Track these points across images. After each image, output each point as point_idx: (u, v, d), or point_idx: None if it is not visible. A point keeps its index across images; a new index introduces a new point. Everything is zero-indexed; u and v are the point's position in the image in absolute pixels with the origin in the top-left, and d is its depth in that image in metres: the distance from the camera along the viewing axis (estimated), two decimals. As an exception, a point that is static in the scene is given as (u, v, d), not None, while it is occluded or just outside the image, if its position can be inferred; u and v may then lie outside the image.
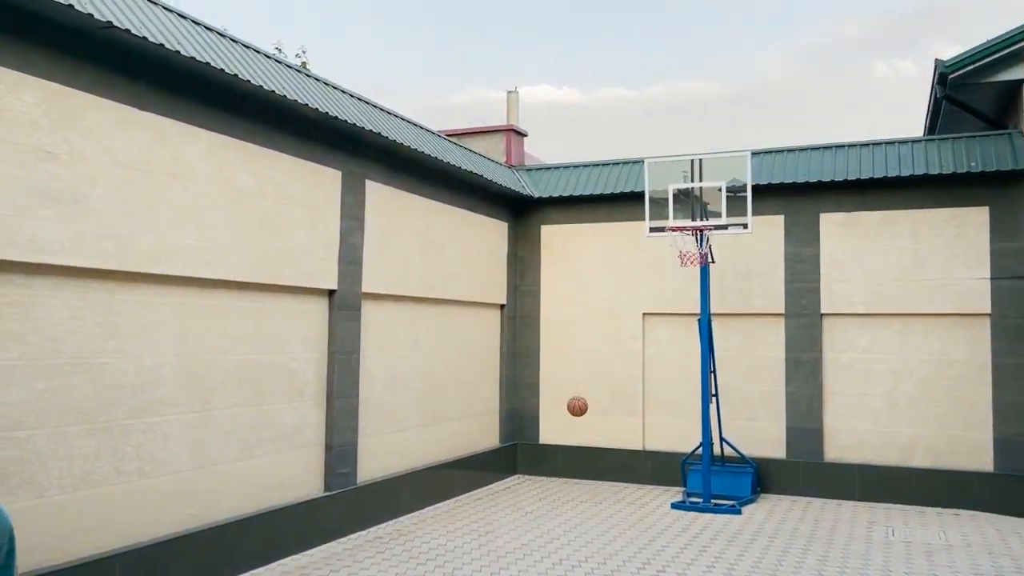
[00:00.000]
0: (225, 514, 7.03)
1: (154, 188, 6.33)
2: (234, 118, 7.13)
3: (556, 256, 12.47)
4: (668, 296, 11.62)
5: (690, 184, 10.15)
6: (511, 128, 13.29)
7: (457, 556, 7.70)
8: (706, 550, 8.01)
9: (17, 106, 5.32)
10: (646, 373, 11.80)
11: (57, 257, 5.56)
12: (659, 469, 11.47)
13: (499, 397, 12.21)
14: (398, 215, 9.61)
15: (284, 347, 7.82)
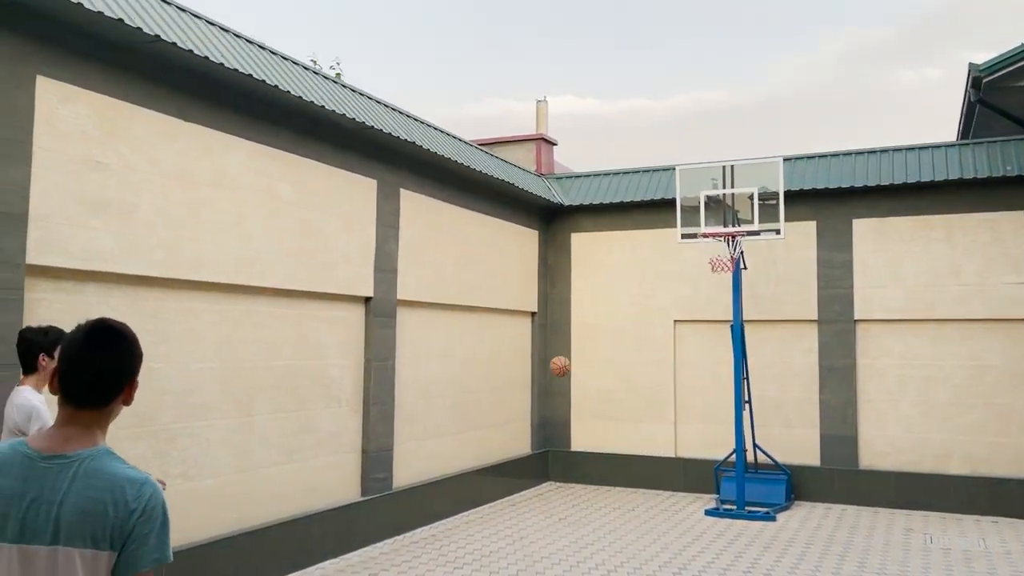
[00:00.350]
0: (265, 518, 7.15)
1: (198, 198, 6.49)
2: (274, 128, 7.29)
3: (586, 264, 12.51)
4: (699, 303, 11.62)
5: (721, 191, 10.17)
6: (541, 137, 13.38)
7: (493, 560, 7.76)
8: (741, 556, 7.99)
9: (69, 118, 5.49)
10: (677, 380, 11.80)
11: (107, 265, 5.72)
12: (691, 476, 11.45)
13: (531, 404, 12.26)
14: (431, 223, 9.73)
15: (323, 353, 7.95)
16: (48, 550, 1.91)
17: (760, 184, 10.05)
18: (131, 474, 2.01)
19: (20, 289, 5.10)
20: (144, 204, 6.02)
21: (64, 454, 1.99)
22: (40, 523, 1.92)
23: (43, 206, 5.28)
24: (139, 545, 1.95)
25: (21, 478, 1.95)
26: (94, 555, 1.91)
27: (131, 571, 1.94)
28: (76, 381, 2.06)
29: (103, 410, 2.09)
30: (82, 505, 1.93)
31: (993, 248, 10.17)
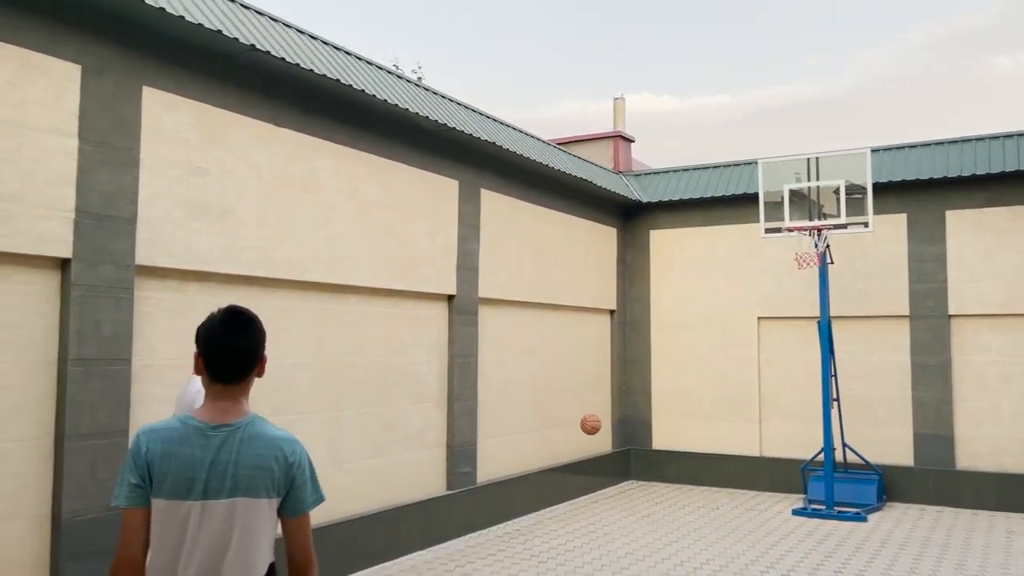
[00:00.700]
0: (356, 510, 7.37)
1: (290, 200, 6.74)
2: (361, 132, 7.51)
3: (666, 261, 12.42)
4: (784, 299, 11.40)
5: (806, 184, 9.97)
6: (618, 134, 13.35)
7: (577, 556, 7.80)
8: (831, 556, 7.82)
9: (172, 125, 5.79)
10: (762, 378, 11.60)
11: (208, 265, 6.00)
12: (777, 476, 11.24)
13: (611, 403, 12.25)
14: (511, 222, 9.83)
15: (409, 351, 8.14)
16: (227, 502, 2.35)
17: (846, 177, 9.81)
18: (283, 435, 2.49)
19: (130, 288, 5.41)
20: (241, 207, 6.30)
21: (227, 423, 2.42)
22: (220, 481, 2.35)
23: (150, 210, 5.59)
24: (301, 490, 2.45)
25: (200, 446, 2.37)
26: (264, 503, 2.39)
27: (300, 512, 2.45)
28: (220, 361, 2.46)
29: (244, 383, 2.51)
30: (252, 463, 2.38)
31: (1100, 238, 9.66)
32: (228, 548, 2.33)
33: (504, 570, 7.27)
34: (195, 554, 2.31)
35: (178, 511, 2.32)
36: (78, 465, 5.04)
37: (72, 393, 5.02)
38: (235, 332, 2.49)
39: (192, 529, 2.32)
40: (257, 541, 2.38)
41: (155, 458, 2.35)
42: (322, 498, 2.53)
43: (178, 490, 2.33)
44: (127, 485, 2.36)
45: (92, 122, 5.24)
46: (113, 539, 5.01)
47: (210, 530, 2.32)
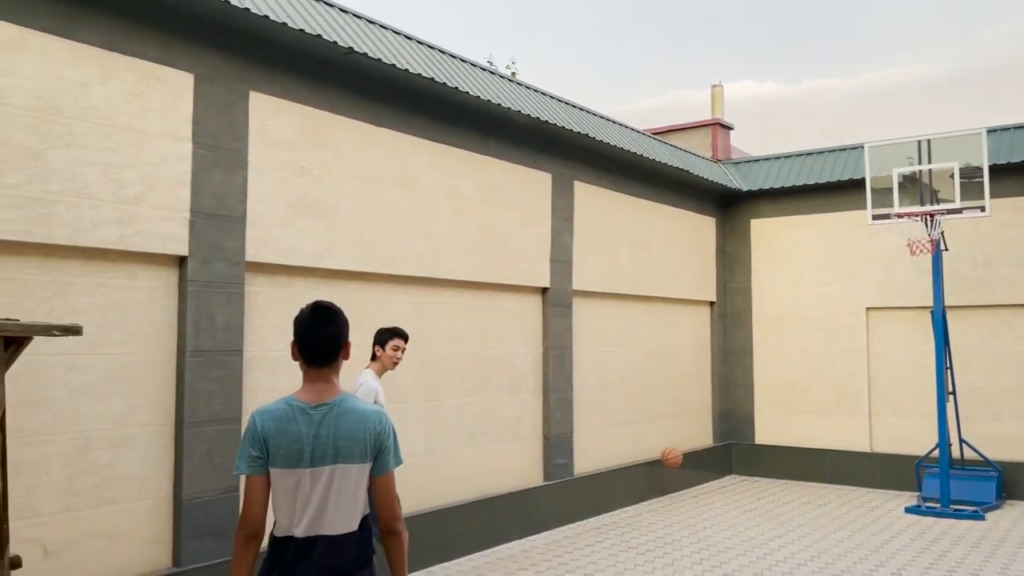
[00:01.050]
0: (454, 497, 7.54)
1: (388, 198, 6.95)
2: (455, 128, 7.66)
3: (767, 251, 12.12)
4: (895, 289, 10.94)
5: (917, 167, 9.53)
6: (716, 122, 13.10)
7: (676, 548, 7.74)
8: (946, 555, 7.48)
9: (277, 128, 6.08)
10: (872, 371, 11.17)
11: (312, 261, 6.27)
12: (888, 472, 10.80)
13: (711, 396, 12.06)
14: (605, 214, 9.82)
15: (504, 342, 8.26)
16: (329, 468, 2.79)
17: (961, 159, 9.32)
18: (370, 408, 2.93)
19: (241, 284, 5.72)
20: (342, 205, 6.54)
21: (325, 402, 2.85)
22: (323, 450, 2.79)
23: (258, 209, 5.88)
24: (386, 454, 2.89)
25: (304, 423, 2.80)
26: (357, 466, 2.83)
27: (384, 471, 2.88)
28: (311, 348, 2.88)
29: (333, 365, 2.91)
30: (347, 434, 2.81)
31: None
32: (330, 503, 2.79)
33: (601, 561, 7.30)
34: (307, 510, 2.77)
35: (291, 477, 2.78)
36: (196, 450, 5.38)
37: (190, 382, 5.36)
38: (322, 322, 2.89)
39: (303, 490, 2.78)
40: (353, 496, 2.83)
41: (269, 434, 2.79)
42: (401, 460, 2.95)
43: (290, 460, 2.78)
44: (247, 457, 2.81)
45: (204, 127, 5.57)
46: (228, 520, 5.31)
47: (316, 490, 2.78)
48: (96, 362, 4.98)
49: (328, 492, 2.78)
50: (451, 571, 6.98)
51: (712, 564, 7.20)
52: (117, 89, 5.10)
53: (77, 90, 4.91)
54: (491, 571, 6.96)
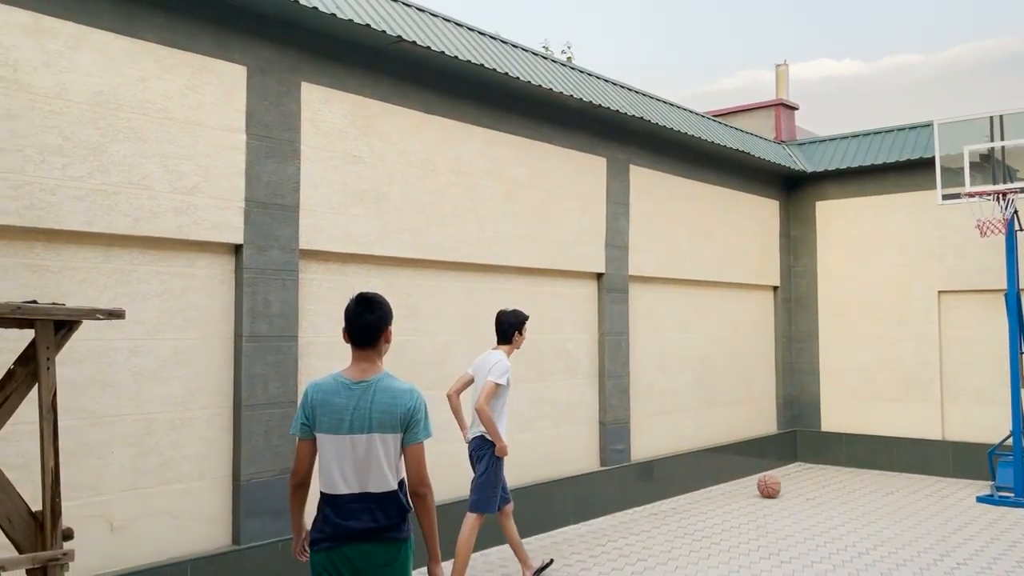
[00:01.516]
0: (512, 482, 7.58)
1: (440, 185, 7.02)
2: (506, 114, 7.67)
3: (833, 233, 11.79)
4: (968, 271, 10.52)
5: (989, 144, 9.12)
6: (780, 102, 12.77)
7: (734, 536, 7.65)
8: (1016, 546, 7.19)
9: (328, 118, 6.19)
10: (944, 356, 10.78)
11: (365, 248, 6.39)
12: (961, 461, 10.43)
13: (775, 382, 11.83)
14: (663, 198, 9.70)
15: (559, 328, 8.26)
16: (366, 436, 3.25)
17: (1039, 135, 8.88)
18: (406, 387, 3.36)
19: (295, 271, 5.86)
20: (394, 193, 6.63)
21: (365, 380, 3.32)
22: (361, 421, 3.25)
23: (311, 197, 6.02)
24: (415, 427, 3.29)
25: (346, 396, 3.28)
26: (391, 436, 3.27)
27: (413, 442, 3.28)
28: (355, 332, 3.36)
29: (376, 348, 3.39)
30: (382, 408, 3.26)
31: None
32: (370, 467, 3.25)
33: (657, 546, 7.27)
34: (353, 470, 3.26)
35: (334, 441, 3.26)
36: (254, 432, 5.55)
37: (247, 367, 5.53)
38: (364, 310, 3.37)
39: (346, 453, 3.25)
40: (388, 462, 3.28)
41: (317, 404, 3.30)
42: (430, 434, 3.34)
43: (332, 427, 3.26)
44: (299, 423, 3.34)
45: (258, 118, 5.71)
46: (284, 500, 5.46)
47: (356, 454, 3.25)
48: (157, 347, 5.18)
49: (369, 456, 3.25)
50: (506, 552, 7.04)
51: (769, 552, 7.09)
52: (174, 83, 5.28)
53: (136, 85, 5.10)
54: (545, 554, 6.99)
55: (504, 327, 6.00)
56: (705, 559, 6.87)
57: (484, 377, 5.80)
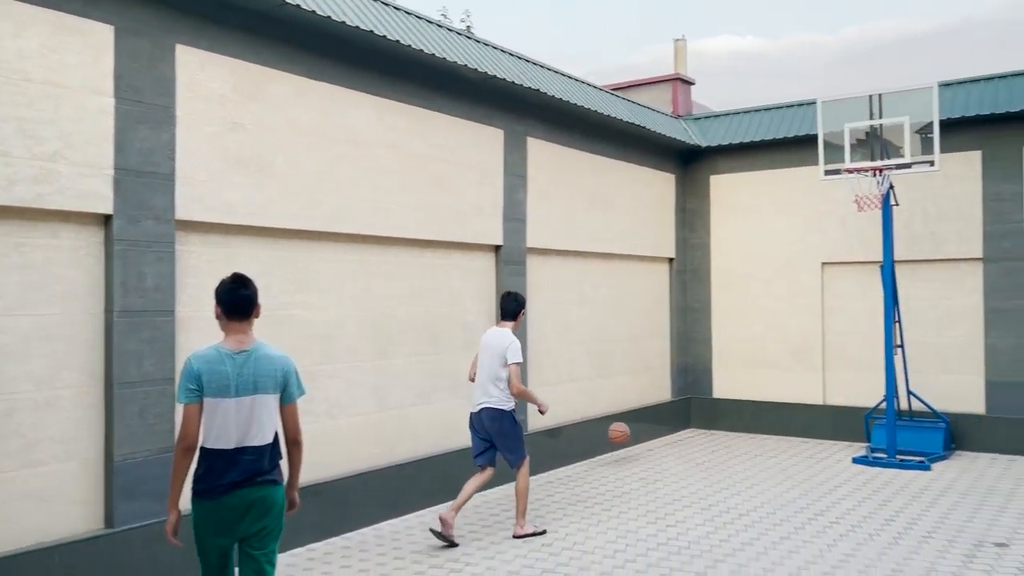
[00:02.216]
0: (406, 454, 7.57)
1: (330, 154, 6.84)
2: (401, 83, 7.52)
3: (726, 207, 12.12)
4: (849, 244, 11.00)
5: (868, 122, 9.51)
6: (677, 77, 12.98)
7: (624, 502, 7.84)
8: (887, 504, 7.64)
9: (207, 83, 5.93)
10: (826, 325, 11.28)
11: (249, 219, 6.17)
12: (841, 425, 10.98)
13: (670, 352, 12.14)
14: (561, 171, 9.74)
15: (457, 300, 8.23)
16: (250, 398, 3.79)
17: (914, 114, 9.30)
18: (280, 354, 3.94)
19: (171, 243, 5.62)
20: (280, 161, 6.42)
21: (245, 349, 3.84)
22: (245, 385, 3.78)
23: (188, 165, 5.76)
24: (291, 388, 3.93)
25: (230, 365, 3.78)
26: (271, 397, 3.85)
27: (290, 400, 3.93)
28: (235, 306, 3.86)
29: (250, 321, 3.90)
30: (264, 373, 3.83)
31: None
32: (251, 424, 3.79)
33: (549, 514, 7.38)
34: (236, 428, 3.76)
35: (221, 404, 3.74)
36: (127, 411, 5.33)
37: (118, 343, 5.29)
38: (240, 287, 3.89)
39: (231, 413, 3.74)
40: (268, 419, 3.85)
41: (203, 372, 3.73)
42: (304, 392, 4.01)
43: (220, 391, 3.74)
44: (186, 389, 3.73)
45: (128, 81, 5.41)
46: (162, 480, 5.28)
47: (240, 414, 3.76)
48: (17, 323, 4.89)
49: (251, 415, 3.78)
50: (398, 527, 7.03)
51: (657, 516, 7.30)
52: (31, 42, 4.93)
53: (-12, 43, 4.74)
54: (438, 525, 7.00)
55: (513, 306, 6.85)
56: (595, 525, 7.03)
57: (496, 353, 6.63)
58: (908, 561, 5.99)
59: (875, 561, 6.00)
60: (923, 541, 6.48)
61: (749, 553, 6.21)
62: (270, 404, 3.82)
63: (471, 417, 6.79)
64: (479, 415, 6.68)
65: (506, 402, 6.63)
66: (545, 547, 6.41)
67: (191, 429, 3.71)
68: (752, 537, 6.62)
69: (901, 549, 6.28)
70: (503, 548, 6.38)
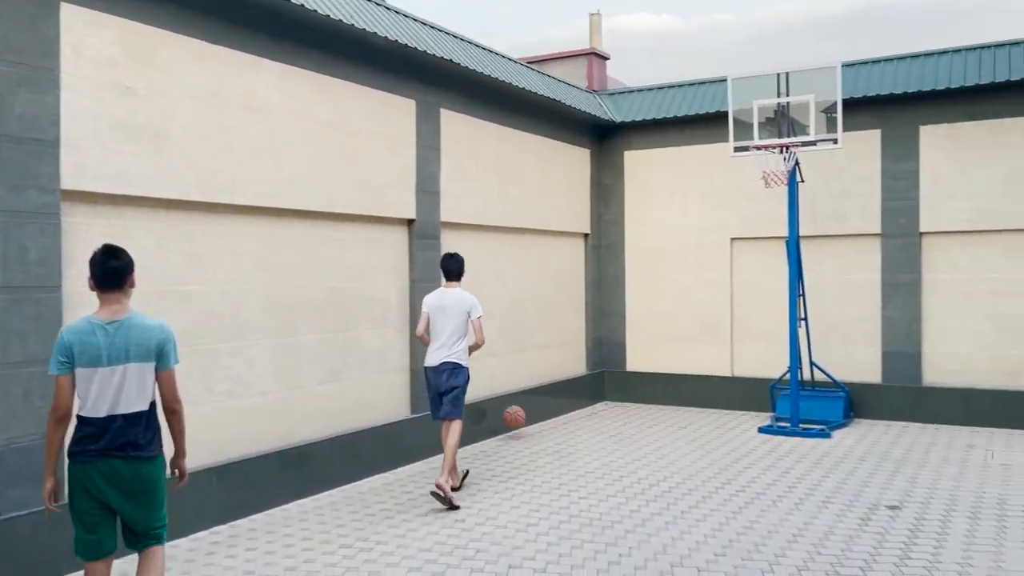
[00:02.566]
0: (315, 433, 7.40)
1: (230, 121, 6.55)
2: (306, 49, 7.25)
3: (640, 182, 12.24)
4: (758, 220, 11.27)
5: (776, 100, 9.71)
6: (592, 52, 12.98)
7: (537, 475, 7.88)
8: (789, 471, 7.90)
9: (96, 45, 5.56)
10: (735, 299, 11.56)
11: (141, 189, 5.85)
12: (748, 395, 11.31)
13: (585, 326, 12.24)
14: (475, 144, 9.62)
15: (367, 275, 8.05)
16: (123, 367, 3.88)
17: (819, 92, 9.54)
18: (155, 323, 4.01)
19: (56, 214, 5.28)
20: (175, 128, 6.11)
21: (118, 319, 3.91)
22: (117, 354, 3.86)
23: (75, 132, 5.41)
24: (166, 356, 3.99)
25: (102, 335, 3.85)
26: (146, 365, 3.93)
27: (165, 368, 4.00)
28: (106, 277, 3.92)
29: (123, 291, 3.97)
30: (136, 342, 3.90)
31: (1075, 151, 9.47)
32: (123, 392, 3.88)
33: (463, 490, 7.35)
34: (107, 397, 3.86)
35: (93, 373, 3.84)
36: (11, 393, 5.01)
37: (1, 321, 4.95)
38: (110, 258, 3.94)
39: (103, 382, 3.84)
40: (140, 387, 3.93)
41: (74, 344, 3.82)
42: (177, 360, 4.08)
43: (93, 361, 3.83)
44: (57, 361, 3.84)
45: (8, 42, 5.02)
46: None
47: (113, 382, 3.85)
48: None
49: (122, 384, 3.87)
50: (307, 507, 6.87)
51: (570, 489, 7.36)
52: None
53: None
54: (348, 505, 6.89)
55: (457, 266, 7.29)
56: (508, 499, 7.03)
57: (461, 311, 7.11)
58: (809, 526, 6.20)
59: (778, 527, 6.19)
60: (823, 506, 6.72)
61: (658, 523, 6.31)
62: (144, 372, 3.90)
63: (427, 372, 7.17)
64: (440, 370, 7.06)
65: (466, 359, 7.20)
66: (458, 523, 6.37)
67: (63, 400, 3.84)
68: (662, 507, 6.74)
69: (802, 514, 6.50)
70: (415, 526, 6.31)
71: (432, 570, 5.35)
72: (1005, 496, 6.95)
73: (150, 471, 3.93)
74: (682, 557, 5.55)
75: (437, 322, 7.12)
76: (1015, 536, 5.89)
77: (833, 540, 5.86)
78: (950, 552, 5.58)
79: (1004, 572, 5.19)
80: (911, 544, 5.76)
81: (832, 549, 5.67)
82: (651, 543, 5.85)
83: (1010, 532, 5.98)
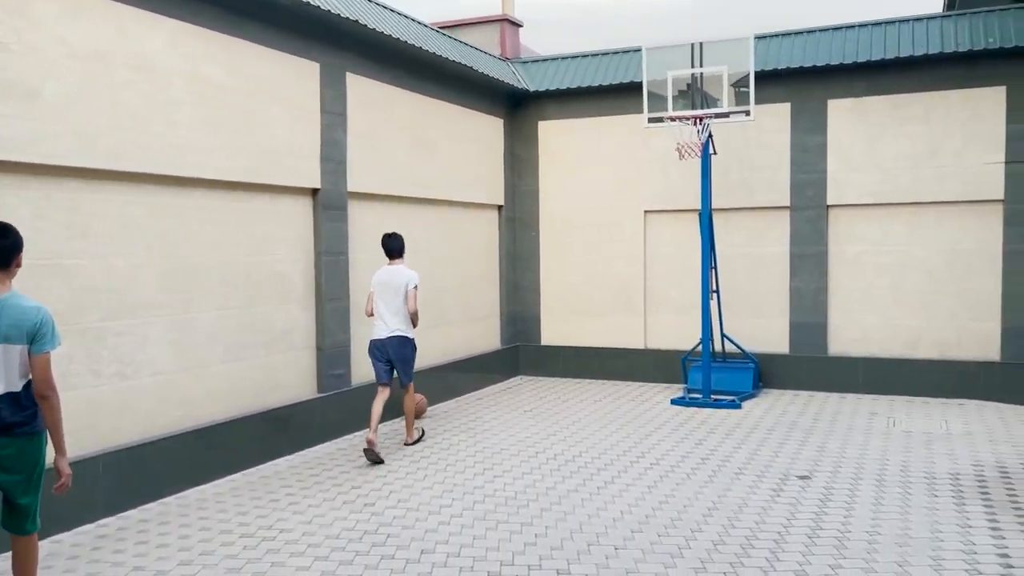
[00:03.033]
0: (215, 415, 6.99)
1: (115, 81, 6.01)
2: (201, 7, 6.73)
3: (555, 153, 12.07)
4: (671, 192, 11.27)
5: (690, 71, 9.66)
6: (505, 18, 12.68)
7: (452, 453, 7.68)
8: (702, 443, 7.94)
9: (-47, -10, 4.97)
10: (648, 272, 11.57)
11: (13, 153, 5.31)
12: (661, 367, 11.37)
13: (500, 300, 12.06)
14: (384, 111, 9.24)
15: (269, 248, 7.63)
16: None
17: (732, 64, 9.53)
18: (32, 304, 3.91)
19: (-91, 179, 4.71)
20: (51, 88, 5.56)
21: None
22: None
23: (-71, 88, 4.83)
24: (41, 340, 3.88)
25: None
26: (19, 347, 3.85)
27: (39, 352, 3.87)
28: None
29: (8, 271, 3.91)
30: (10, 323, 3.82)
31: (973, 126, 9.78)
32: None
33: (374, 472, 7.09)
34: None
35: None
36: None
37: None
38: None
39: None
40: (14, 368, 3.86)
41: None
42: (56, 345, 3.94)
43: None
44: None
45: None
46: None
47: None
48: None
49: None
50: (207, 493, 6.48)
51: (485, 467, 7.19)
52: None
53: None
54: (251, 490, 6.54)
55: (399, 244, 7.79)
56: (422, 480, 6.81)
57: (399, 285, 7.60)
58: (723, 498, 6.21)
59: (693, 500, 6.17)
60: (735, 478, 6.76)
61: (575, 500, 6.21)
62: (15, 355, 3.85)
63: (372, 345, 7.71)
64: (385, 342, 7.63)
65: (411, 331, 7.72)
66: (368, 507, 6.12)
67: None
68: (578, 483, 6.64)
69: (716, 487, 6.51)
70: (322, 511, 6.03)
71: (340, 559, 5.09)
72: (908, 463, 7.14)
73: (32, 447, 3.96)
74: (599, 535, 5.45)
75: (381, 298, 7.64)
76: (919, 502, 6.04)
77: (747, 512, 5.87)
78: (859, 520, 5.66)
79: (910, 538, 5.29)
80: (822, 513, 5.82)
81: (746, 521, 5.68)
82: (567, 521, 5.73)
83: (914, 498, 6.13)
